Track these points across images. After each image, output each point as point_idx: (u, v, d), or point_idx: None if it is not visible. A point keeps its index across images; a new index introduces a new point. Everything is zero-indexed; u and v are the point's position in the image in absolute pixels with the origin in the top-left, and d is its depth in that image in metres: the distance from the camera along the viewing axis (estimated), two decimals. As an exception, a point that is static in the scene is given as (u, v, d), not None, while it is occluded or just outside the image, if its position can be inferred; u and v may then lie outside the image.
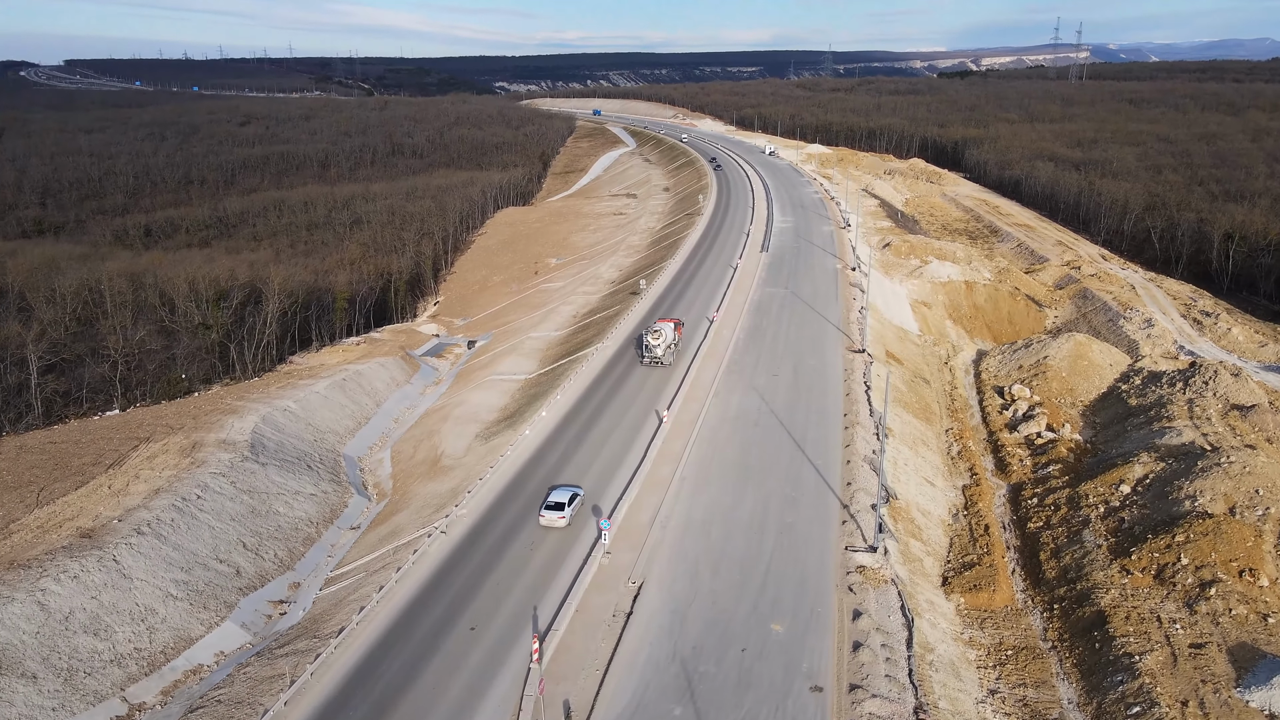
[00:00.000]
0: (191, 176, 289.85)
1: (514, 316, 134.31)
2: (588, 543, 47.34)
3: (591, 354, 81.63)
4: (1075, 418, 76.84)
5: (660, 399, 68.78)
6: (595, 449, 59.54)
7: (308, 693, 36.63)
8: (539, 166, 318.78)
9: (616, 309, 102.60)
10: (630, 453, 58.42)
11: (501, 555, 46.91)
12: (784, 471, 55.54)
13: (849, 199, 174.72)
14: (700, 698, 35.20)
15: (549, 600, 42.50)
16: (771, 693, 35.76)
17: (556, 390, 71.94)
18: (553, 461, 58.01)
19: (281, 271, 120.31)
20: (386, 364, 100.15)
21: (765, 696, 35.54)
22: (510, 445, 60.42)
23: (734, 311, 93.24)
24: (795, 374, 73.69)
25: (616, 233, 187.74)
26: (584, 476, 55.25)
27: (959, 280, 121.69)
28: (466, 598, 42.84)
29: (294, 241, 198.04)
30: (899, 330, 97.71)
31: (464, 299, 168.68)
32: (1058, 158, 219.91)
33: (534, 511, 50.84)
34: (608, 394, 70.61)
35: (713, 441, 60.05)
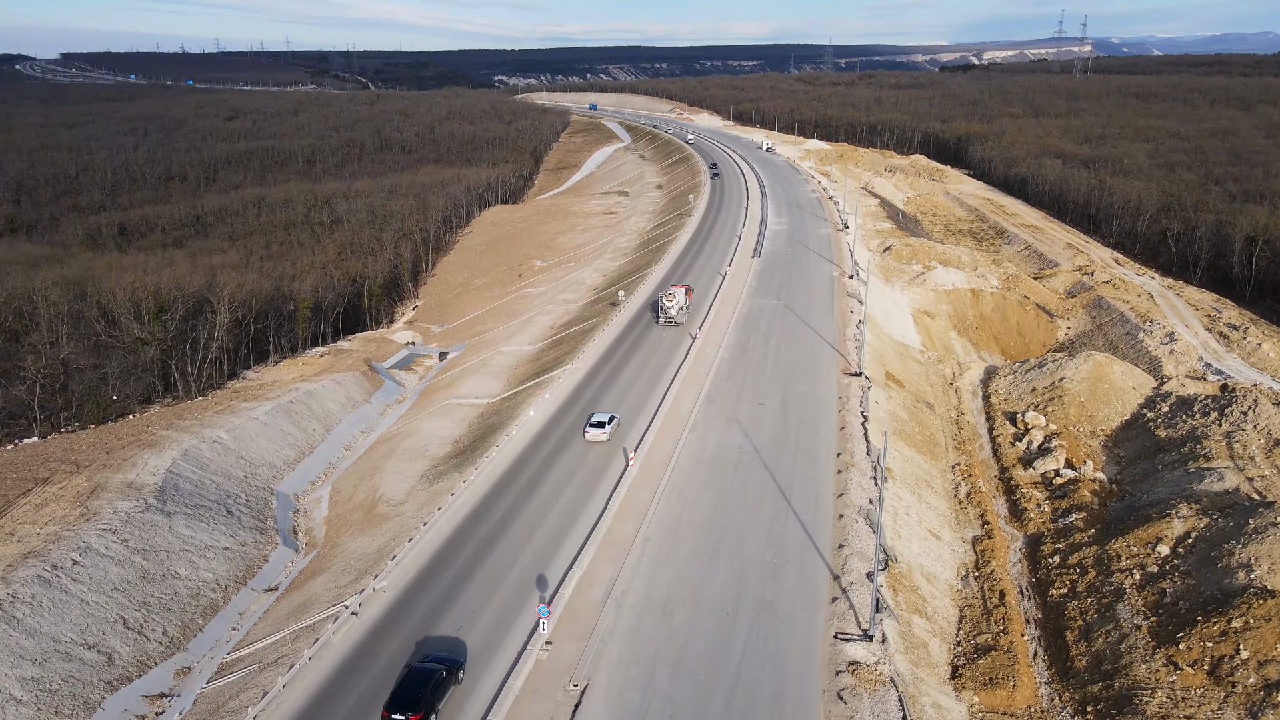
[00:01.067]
0: (172, 173, 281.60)
1: (491, 325, 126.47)
2: (525, 629, 39.44)
3: (559, 376, 73.69)
4: (1096, 450, 68.84)
5: (630, 432, 60.81)
6: (548, 501, 51.58)
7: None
8: (531, 163, 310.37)
9: (594, 321, 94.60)
10: (588, 506, 50.42)
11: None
12: (765, 530, 47.58)
13: (848, 198, 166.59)
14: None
15: (471, 712, 34.62)
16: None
17: (514, 421, 64.03)
18: (497, 516, 50.06)
19: (235, 279, 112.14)
20: (344, 381, 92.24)
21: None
22: (452, 493, 52.44)
23: (720, 326, 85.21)
24: (784, 403, 65.69)
25: (605, 233, 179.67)
26: (529, 539, 47.30)
27: (964, 288, 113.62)
28: (366, 710, 34.94)
29: (269, 242, 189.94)
30: (900, 346, 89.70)
31: (443, 303, 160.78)
32: (1065, 155, 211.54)
33: (465, 585, 42.96)
34: (572, 427, 62.63)
35: (685, 491, 52.07)
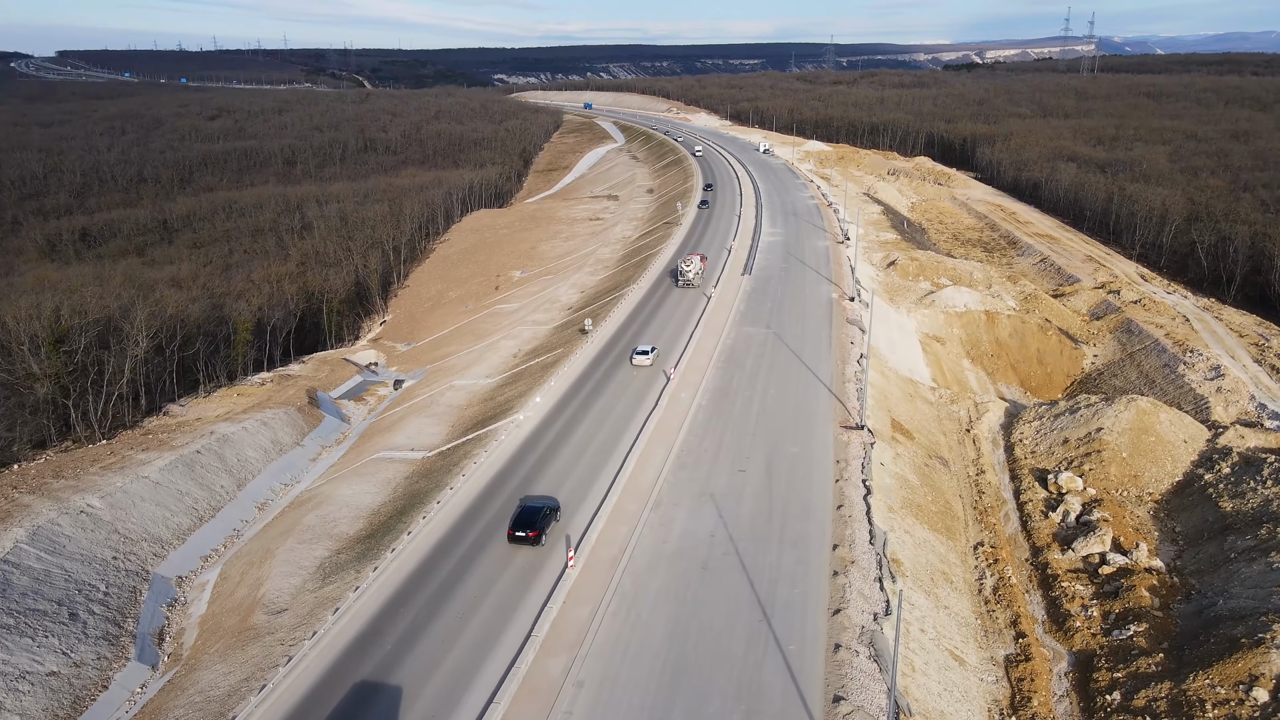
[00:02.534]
0: (144, 174, 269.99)
1: (455, 347, 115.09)
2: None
3: (505, 429, 62.10)
4: (1146, 522, 57.23)
5: (575, 515, 49.16)
6: (458, 623, 39.91)
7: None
8: (519, 164, 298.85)
9: (558, 352, 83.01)
10: (507, 632, 38.77)
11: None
12: (737, 670, 36.03)
13: (848, 205, 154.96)
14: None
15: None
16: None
17: (441, 493, 52.49)
18: (389, 645, 38.40)
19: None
20: (273, 420, 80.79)
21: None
22: (337, 607, 40.88)
23: (699, 363, 73.58)
24: (769, 469, 54.08)
25: (589, 242, 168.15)
26: (422, 687, 35.64)
27: (978, 310, 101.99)
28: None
29: (232, 249, 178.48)
30: (907, 383, 78.07)
31: (413, 318, 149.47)
32: (1079, 158, 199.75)
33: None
34: (507, 503, 51.03)
35: (637, 604, 40.49)
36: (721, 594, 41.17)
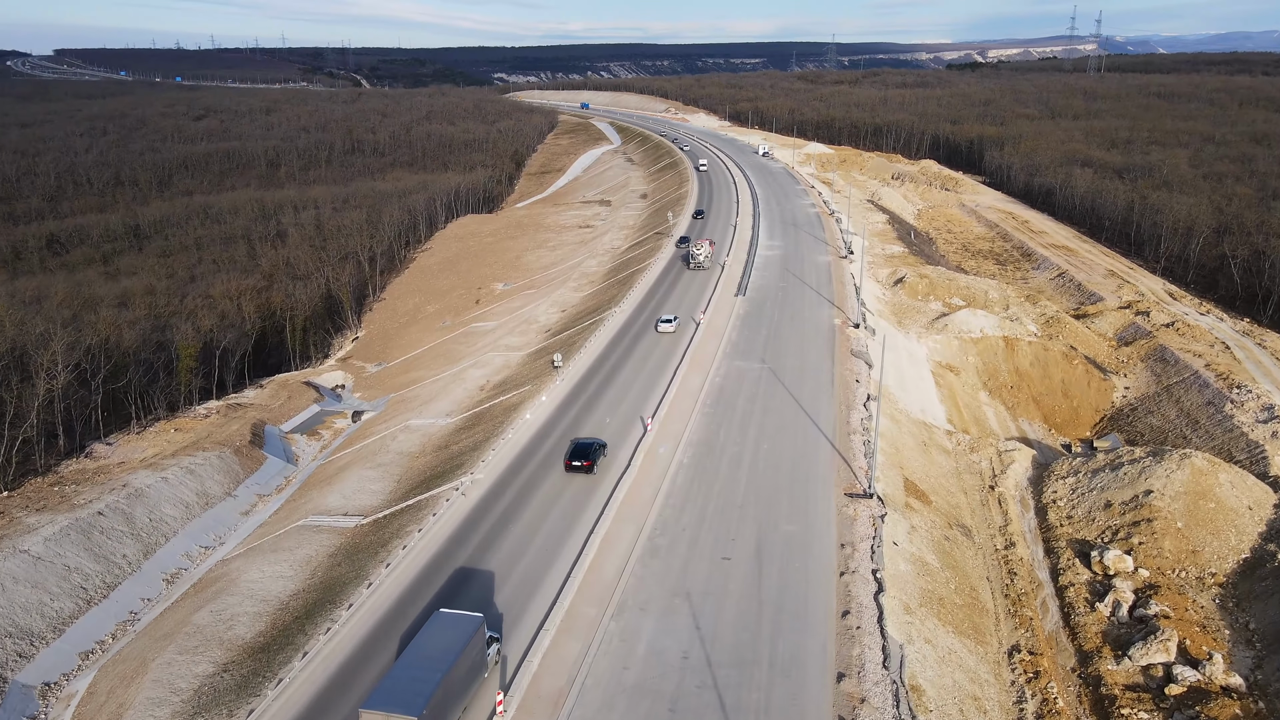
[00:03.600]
0: (122, 177, 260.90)
1: (424, 372, 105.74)
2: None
3: (452, 494, 52.64)
4: (1213, 615, 47.69)
5: (517, 634, 39.61)
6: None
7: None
8: (511, 167, 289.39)
9: (525, 390, 73.54)
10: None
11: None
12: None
13: (851, 213, 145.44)
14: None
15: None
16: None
17: (363, 584, 43.07)
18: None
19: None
20: (201, 466, 71.33)
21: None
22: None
23: (683, 408, 64.07)
24: (758, 556, 44.61)
25: (576, 252, 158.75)
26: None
27: (996, 335, 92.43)
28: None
29: (202, 258, 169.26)
30: (920, 427, 68.55)
31: (386, 335, 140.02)
32: (1093, 162, 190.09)
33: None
34: (432, 609, 41.56)
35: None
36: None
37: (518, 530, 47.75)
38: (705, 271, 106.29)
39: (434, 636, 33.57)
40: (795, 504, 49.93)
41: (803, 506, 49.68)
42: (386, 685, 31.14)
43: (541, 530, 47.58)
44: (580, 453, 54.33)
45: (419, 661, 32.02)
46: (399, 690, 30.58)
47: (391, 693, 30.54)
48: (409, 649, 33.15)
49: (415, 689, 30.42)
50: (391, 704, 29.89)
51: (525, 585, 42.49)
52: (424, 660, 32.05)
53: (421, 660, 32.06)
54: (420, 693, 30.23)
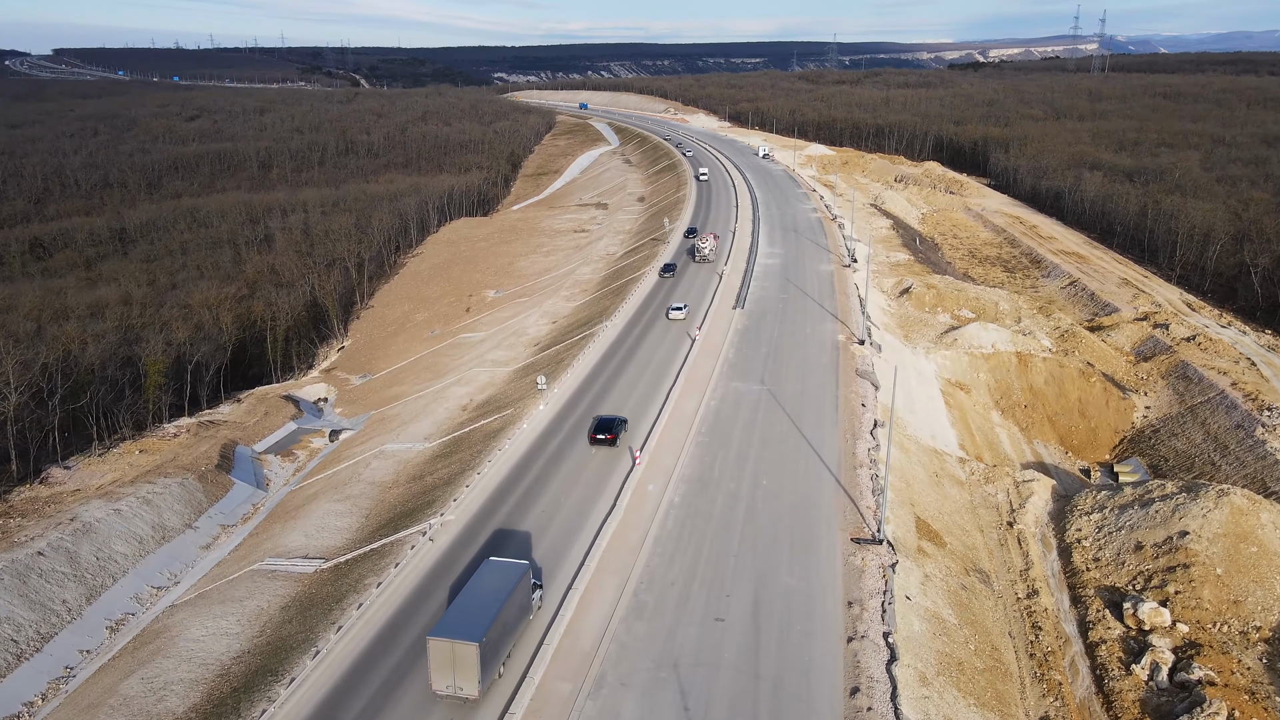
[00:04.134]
0: (110, 179, 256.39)
1: (408, 386, 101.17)
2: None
3: (420, 539, 47.87)
4: (1261, 677, 42.86)
5: (488, 702, 34.81)
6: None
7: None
8: (507, 168, 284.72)
9: (508, 414, 68.78)
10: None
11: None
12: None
13: (854, 218, 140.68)
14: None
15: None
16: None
17: (311, 650, 38.26)
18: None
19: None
20: (160, 495, 66.68)
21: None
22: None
23: (675, 437, 59.25)
24: (756, 617, 39.85)
25: (571, 258, 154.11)
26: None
27: (1008, 351, 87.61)
28: None
29: (186, 263, 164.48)
30: (931, 457, 63.76)
31: (373, 345, 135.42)
32: (1102, 165, 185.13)
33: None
34: (386, 687, 36.75)
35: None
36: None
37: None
38: (702, 281, 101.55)
39: (486, 580, 37.42)
40: (797, 552, 45.13)
41: (805, 555, 44.88)
42: (449, 618, 35.04)
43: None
44: (604, 427, 58.84)
45: (475, 600, 35.91)
46: (460, 622, 34.44)
47: (454, 624, 34.39)
48: (466, 589, 36.97)
49: (475, 621, 34.41)
50: (455, 632, 33.70)
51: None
52: (480, 599, 35.89)
53: (477, 599, 35.91)
54: (479, 624, 34.20)
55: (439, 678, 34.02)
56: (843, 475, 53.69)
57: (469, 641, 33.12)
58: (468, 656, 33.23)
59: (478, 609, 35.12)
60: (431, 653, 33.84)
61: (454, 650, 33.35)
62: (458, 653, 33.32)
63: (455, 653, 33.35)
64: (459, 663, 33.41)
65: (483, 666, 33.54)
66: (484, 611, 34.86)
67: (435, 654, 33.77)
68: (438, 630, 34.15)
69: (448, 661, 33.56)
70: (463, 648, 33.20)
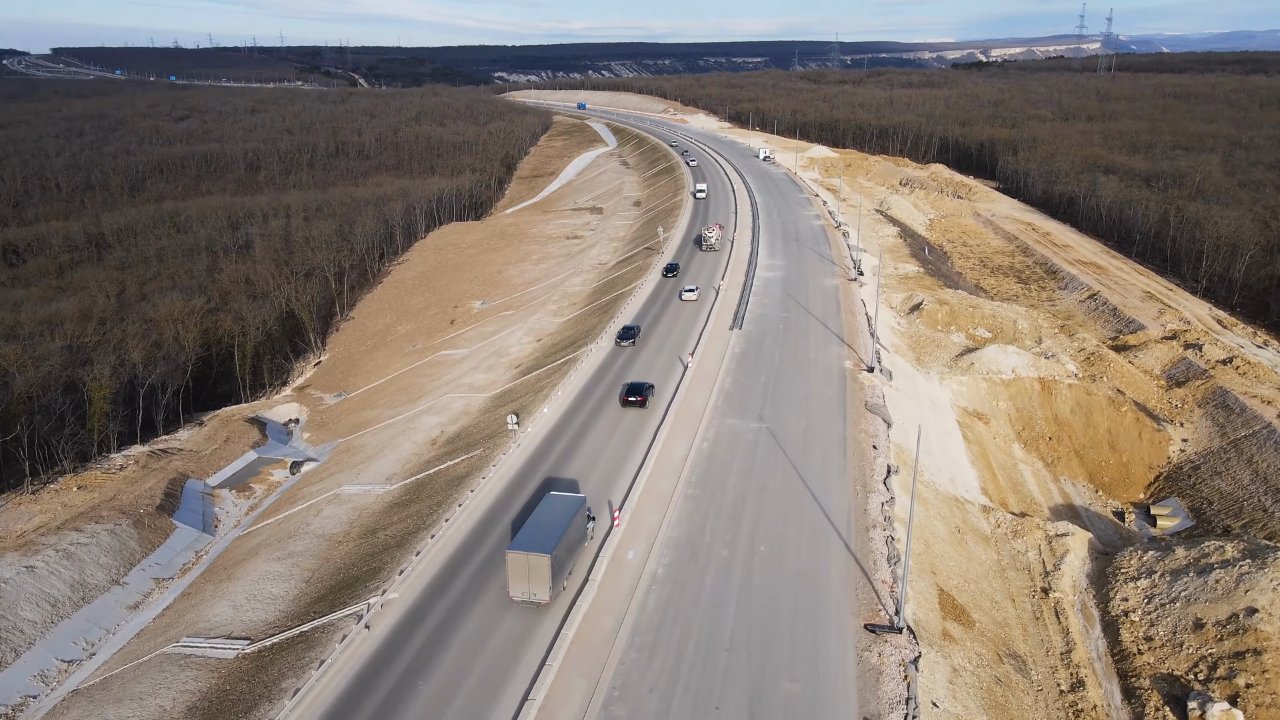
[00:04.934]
0: (92, 181, 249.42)
1: (380, 410, 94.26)
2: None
3: (357, 622, 40.61)
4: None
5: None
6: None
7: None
8: (501, 170, 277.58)
9: (476, 455, 61.56)
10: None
11: None
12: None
13: (859, 225, 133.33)
14: None
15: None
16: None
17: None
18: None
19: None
20: (84, 547, 59.80)
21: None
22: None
23: (660, 490, 51.92)
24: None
25: (562, 266, 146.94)
26: None
27: (1030, 376, 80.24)
28: None
29: (160, 272, 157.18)
30: (951, 507, 56.43)
31: (351, 360, 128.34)
32: (1117, 169, 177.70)
33: None
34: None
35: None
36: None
37: (430, 691, 35.62)
38: (696, 302, 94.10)
39: (550, 509, 42.68)
40: (801, 645, 37.82)
41: (811, 649, 37.58)
42: (522, 537, 40.03)
43: (461, 692, 35.45)
44: (635, 390, 64.01)
45: (542, 523, 41.06)
46: (533, 539, 39.56)
47: (527, 541, 39.49)
48: (533, 515, 42.20)
49: (545, 538, 39.63)
50: (529, 547, 38.94)
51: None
52: (546, 523, 41.16)
53: (544, 523, 41.16)
54: (549, 540, 39.47)
55: (516, 586, 39.19)
56: (853, 539, 46.37)
57: (542, 554, 38.33)
58: (541, 567, 38.27)
59: (546, 530, 40.28)
60: (510, 564, 38.86)
61: (529, 561, 38.33)
62: (532, 563, 38.31)
63: (530, 564, 38.33)
64: (533, 572, 38.43)
65: (553, 575, 38.66)
66: (551, 532, 40.07)
67: (513, 565, 38.73)
68: (515, 545, 39.24)
69: (523, 571, 38.59)
70: (537, 559, 38.28)
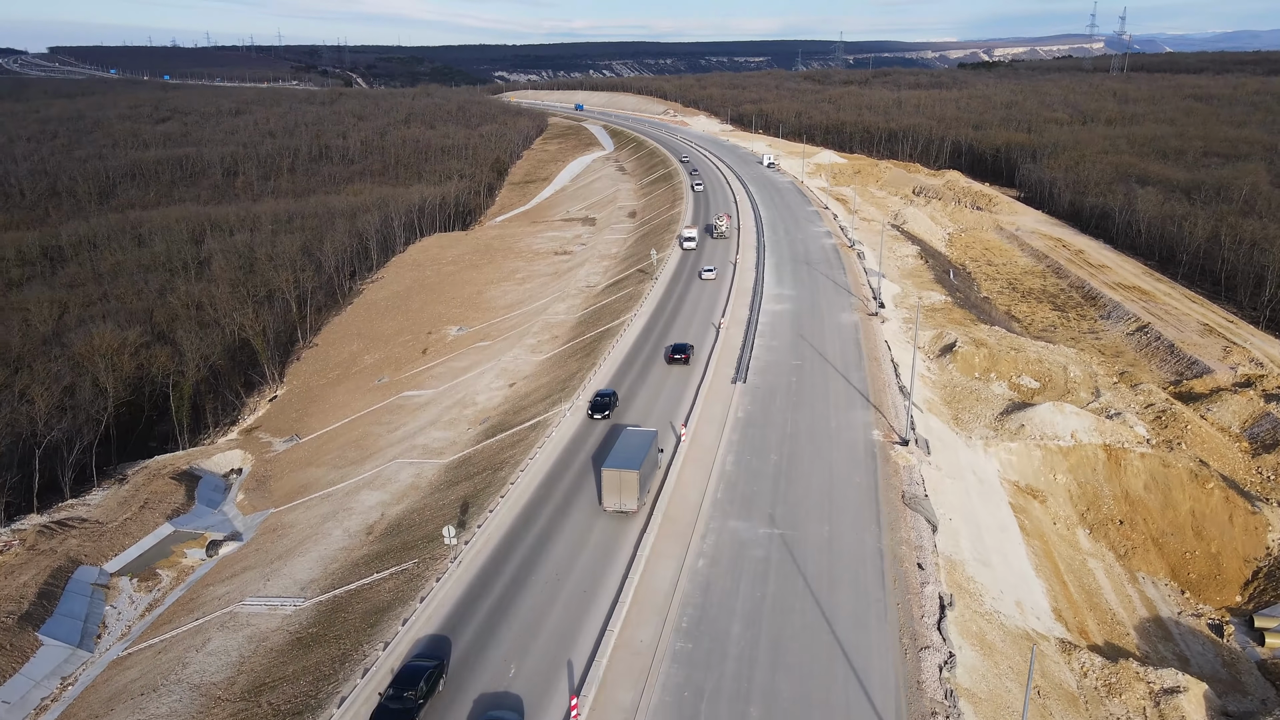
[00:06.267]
0: (59, 187, 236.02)
1: (324, 471, 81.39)
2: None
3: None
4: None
5: None
6: None
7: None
8: (491, 175, 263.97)
9: (410, 566, 48.12)
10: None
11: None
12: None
13: (870, 240, 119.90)
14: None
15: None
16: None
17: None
18: None
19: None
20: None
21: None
22: None
23: (640, 641, 38.51)
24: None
25: (547, 288, 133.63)
26: None
27: (1093, 443, 66.72)
28: None
29: (107, 292, 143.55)
30: (1019, 644, 42.91)
31: (310, 395, 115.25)
32: (1151, 178, 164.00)
33: None
34: None
35: None
36: None
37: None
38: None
39: (629, 440, 52.29)
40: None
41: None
42: (612, 458, 49.89)
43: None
44: (680, 349, 74.40)
45: (627, 449, 50.89)
46: (622, 459, 49.42)
47: (617, 460, 49.37)
48: (617, 444, 51.98)
49: (632, 458, 49.48)
50: (620, 465, 48.71)
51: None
52: (630, 449, 50.91)
53: (628, 449, 50.90)
54: (636, 460, 49.31)
55: (609, 498, 48.64)
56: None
57: (632, 470, 47.97)
58: (631, 481, 47.82)
59: (631, 454, 49.62)
60: (604, 479, 48.36)
61: (621, 477, 47.91)
62: (624, 478, 47.90)
63: (622, 479, 47.90)
64: (624, 486, 47.97)
65: (640, 488, 48.08)
66: (636, 455, 49.49)
67: (607, 480, 48.27)
68: (608, 464, 48.69)
69: (615, 486, 48.12)
70: (628, 474, 47.87)
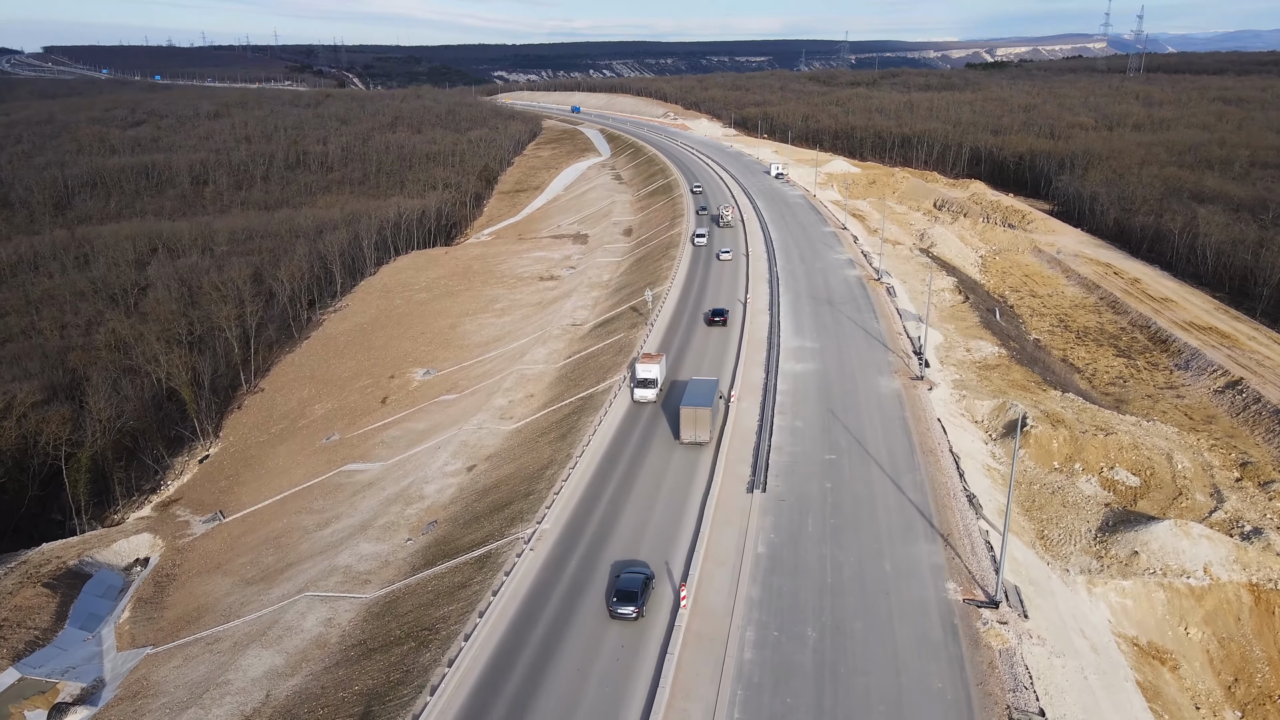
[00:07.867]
0: (11, 198, 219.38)
1: (232, 582, 64.76)
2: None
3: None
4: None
5: None
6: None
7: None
8: (480, 184, 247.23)
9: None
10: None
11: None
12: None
13: (900, 269, 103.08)
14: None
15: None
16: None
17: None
18: None
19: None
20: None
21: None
22: None
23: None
24: None
25: (529, 322, 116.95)
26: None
27: (1234, 581, 49.82)
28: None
29: (29, 327, 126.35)
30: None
31: (246, 456, 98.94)
32: (1206, 194, 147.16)
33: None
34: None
35: None
36: None
37: None
38: (698, 446, 60.88)
39: (696, 386, 62.42)
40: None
41: None
42: (686, 398, 59.73)
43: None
44: (719, 313, 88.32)
45: (697, 392, 60.99)
46: (695, 399, 59.22)
47: (691, 400, 59.23)
48: (688, 388, 62.60)
49: (704, 398, 59.52)
50: (695, 403, 58.56)
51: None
52: (699, 391, 61.05)
53: (698, 391, 61.05)
54: (708, 399, 59.43)
55: (685, 431, 58.46)
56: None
57: (705, 407, 57.87)
58: (704, 416, 57.64)
59: (702, 395, 59.92)
60: (683, 416, 58.17)
61: (695, 413, 57.67)
62: (698, 414, 57.66)
63: (696, 414, 57.67)
64: (698, 420, 57.72)
65: (712, 422, 58.35)
66: (706, 395, 59.81)
67: (685, 416, 58.16)
68: (685, 402, 58.68)
69: (691, 420, 57.93)
70: (701, 411, 57.65)
